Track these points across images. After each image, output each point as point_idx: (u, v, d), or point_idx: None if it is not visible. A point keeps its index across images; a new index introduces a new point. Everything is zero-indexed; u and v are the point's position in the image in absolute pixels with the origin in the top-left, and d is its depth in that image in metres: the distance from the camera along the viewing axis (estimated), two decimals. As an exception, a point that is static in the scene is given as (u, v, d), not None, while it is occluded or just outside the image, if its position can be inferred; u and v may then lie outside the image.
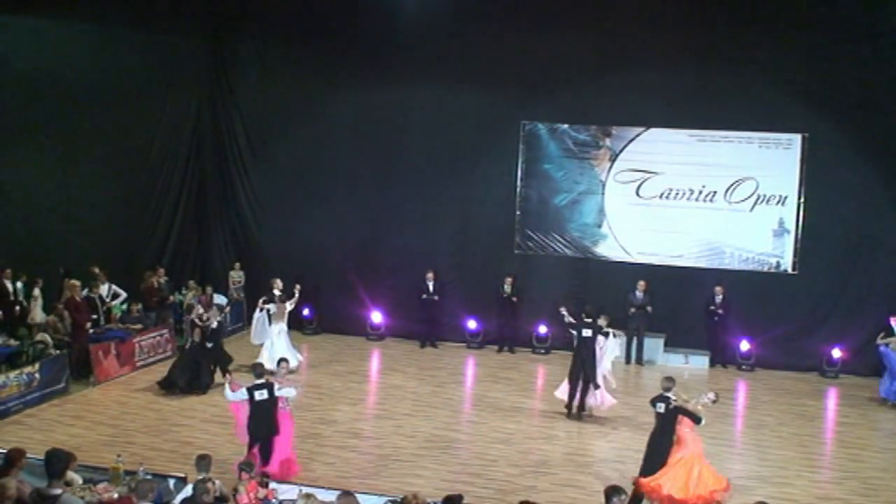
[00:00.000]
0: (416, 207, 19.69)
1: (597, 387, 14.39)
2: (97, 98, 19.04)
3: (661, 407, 11.01)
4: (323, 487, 10.13)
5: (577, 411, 14.49)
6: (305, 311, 19.69)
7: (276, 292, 16.98)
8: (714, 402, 11.21)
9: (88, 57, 19.11)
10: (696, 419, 10.78)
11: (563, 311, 14.90)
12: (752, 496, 11.25)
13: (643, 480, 10.76)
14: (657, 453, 10.92)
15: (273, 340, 16.68)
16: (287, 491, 9.79)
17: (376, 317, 19.79)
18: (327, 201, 20.05)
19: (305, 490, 9.35)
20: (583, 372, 14.33)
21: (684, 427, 10.80)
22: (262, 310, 17.03)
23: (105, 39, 19.32)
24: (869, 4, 17.38)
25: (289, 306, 16.99)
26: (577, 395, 14.44)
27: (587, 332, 14.44)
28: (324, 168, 20.05)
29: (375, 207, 19.94)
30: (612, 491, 8.25)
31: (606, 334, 14.55)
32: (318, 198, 20.08)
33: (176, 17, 19.40)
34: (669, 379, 11.33)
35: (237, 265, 20.44)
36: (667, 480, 10.58)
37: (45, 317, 16.78)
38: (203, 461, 9.22)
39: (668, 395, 11.08)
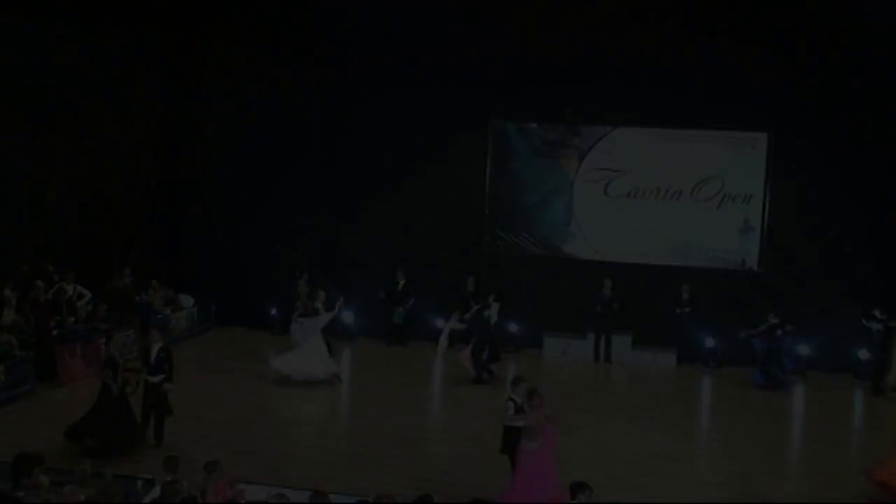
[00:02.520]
0: (385, 206, 19.61)
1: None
2: (62, 96, 18.78)
3: None
4: (293, 487, 10.12)
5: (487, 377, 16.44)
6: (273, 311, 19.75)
7: (318, 305, 16.63)
8: None
9: (53, 54, 18.84)
10: None
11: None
12: (719, 492, 11.41)
13: None
14: None
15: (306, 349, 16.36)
16: (256, 492, 9.74)
17: (346, 317, 19.72)
18: (295, 200, 19.96)
19: (275, 490, 9.35)
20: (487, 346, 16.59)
21: None
22: (295, 321, 16.82)
23: (70, 36, 19.03)
24: (833, 6, 17.62)
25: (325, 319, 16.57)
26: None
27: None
28: (291, 167, 19.93)
29: (344, 206, 19.87)
30: (577, 487, 8.33)
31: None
32: (286, 196, 19.97)
33: (142, 14, 19.17)
34: None
35: (305, 276, 19.29)
36: None
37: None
38: (171, 462, 9.17)
39: None
